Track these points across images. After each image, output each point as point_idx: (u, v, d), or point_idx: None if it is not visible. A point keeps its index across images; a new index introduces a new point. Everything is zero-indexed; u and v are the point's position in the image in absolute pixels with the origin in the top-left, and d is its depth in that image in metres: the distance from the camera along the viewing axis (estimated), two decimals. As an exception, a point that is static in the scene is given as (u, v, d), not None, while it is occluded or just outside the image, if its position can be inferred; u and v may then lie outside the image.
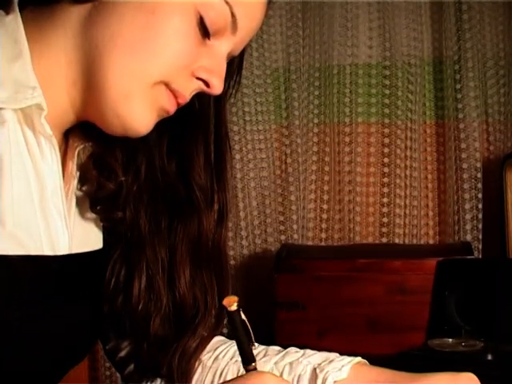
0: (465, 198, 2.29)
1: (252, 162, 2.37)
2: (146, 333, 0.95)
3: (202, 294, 0.95)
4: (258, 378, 0.74)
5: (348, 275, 1.86)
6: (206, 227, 0.95)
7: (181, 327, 0.96)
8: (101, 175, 0.91)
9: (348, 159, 2.39)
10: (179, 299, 0.95)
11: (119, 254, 0.95)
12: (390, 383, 0.89)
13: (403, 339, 1.68)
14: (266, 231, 2.36)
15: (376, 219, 2.38)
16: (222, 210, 0.97)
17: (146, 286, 0.94)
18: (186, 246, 0.95)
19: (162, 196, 0.95)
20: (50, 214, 0.83)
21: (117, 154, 0.93)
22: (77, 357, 0.96)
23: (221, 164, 0.97)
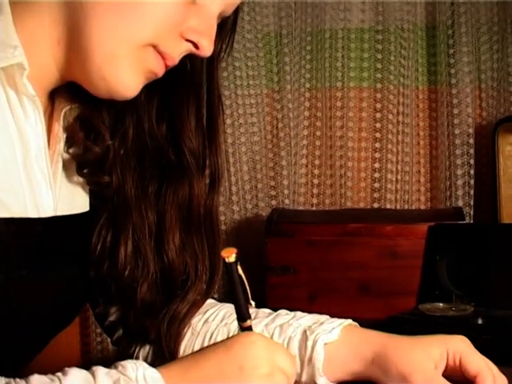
0: (457, 164, 2.28)
1: (243, 126, 2.35)
2: (133, 299, 0.94)
3: (193, 259, 0.95)
4: (246, 339, 0.73)
5: (339, 240, 1.85)
6: (197, 192, 0.94)
7: (170, 293, 0.95)
8: (87, 138, 0.90)
9: (340, 124, 2.37)
10: (168, 265, 0.94)
11: (105, 219, 0.94)
12: (380, 345, 0.89)
13: (394, 304, 1.68)
14: (257, 196, 2.35)
15: (367, 184, 2.37)
16: (214, 175, 0.96)
17: (133, 252, 0.93)
18: (176, 212, 0.94)
19: (151, 161, 0.94)
20: (34, 175, 0.82)
21: (104, 117, 0.91)
22: (64, 320, 0.96)
23: (213, 127, 0.95)
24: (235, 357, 0.71)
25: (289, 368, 0.73)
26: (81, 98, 0.89)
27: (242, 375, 0.70)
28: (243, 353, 0.71)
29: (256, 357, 0.71)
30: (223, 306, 1.03)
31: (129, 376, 0.65)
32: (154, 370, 0.68)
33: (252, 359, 0.71)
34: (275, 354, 0.73)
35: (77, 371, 0.65)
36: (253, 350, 0.71)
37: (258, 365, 0.71)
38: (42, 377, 0.64)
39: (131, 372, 0.66)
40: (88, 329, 2.41)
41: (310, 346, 0.91)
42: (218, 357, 0.71)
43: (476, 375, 0.83)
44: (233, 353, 0.71)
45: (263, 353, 0.72)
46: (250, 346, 0.72)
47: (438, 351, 0.86)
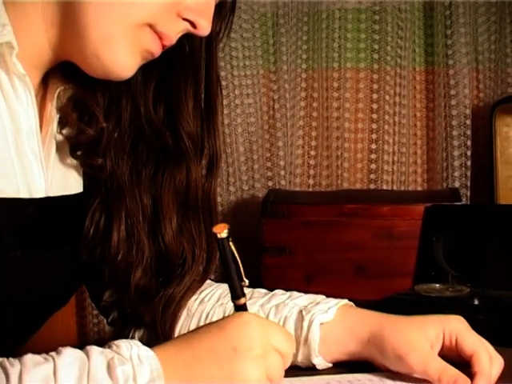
0: (454, 145, 2.28)
1: (239, 107, 2.34)
2: (127, 284, 0.94)
3: (190, 243, 0.94)
4: (240, 319, 0.72)
5: (335, 220, 1.85)
6: (194, 176, 0.93)
7: (166, 278, 0.95)
8: (81, 119, 0.89)
9: (336, 105, 2.36)
10: (165, 249, 0.93)
11: (99, 203, 0.93)
12: (376, 325, 0.89)
13: (390, 285, 1.67)
14: (253, 177, 2.34)
15: (364, 166, 2.37)
16: (212, 158, 0.95)
17: (126, 237, 0.92)
18: (173, 196, 0.93)
19: (147, 144, 0.93)
20: (25, 156, 0.81)
21: (98, 99, 0.91)
22: (59, 301, 0.95)
23: (211, 109, 0.94)
24: (228, 338, 0.70)
25: (285, 347, 0.73)
26: (75, 78, 0.88)
27: (235, 356, 0.69)
28: (236, 333, 0.70)
29: (249, 337, 0.70)
30: (219, 287, 1.02)
31: (123, 355, 0.65)
32: (148, 349, 0.67)
33: (245, 340, 0.70)
34: (270, 333, 0.72)
35: (71, 350, 0.65)
36: (246, 331, 0.71)
37: (251, 346, 0.70)
38: (36, 356, 0.64)
39: (125, 351, 0.65)
40: (84, 310, 2.41)
41: (306, 326, 0.91)
42: (211, 337, 0.71)
43: (472, 355, 0.83)
44: (226, 333, 0.70)
45: (257, 333, 0.71)
46: (243, 327, 0.71)
47: (434, 331, 0.86)
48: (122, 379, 0.63)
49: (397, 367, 0.85)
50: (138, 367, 0.64)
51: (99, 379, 0.62)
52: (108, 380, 0.62)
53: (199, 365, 0.68)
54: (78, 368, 0.62)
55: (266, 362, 0.70)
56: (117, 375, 0.63)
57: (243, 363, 0.69)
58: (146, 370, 0.64)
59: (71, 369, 0.62)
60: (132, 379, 0.63)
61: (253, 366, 0.69)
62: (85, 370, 0.62)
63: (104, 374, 0.63)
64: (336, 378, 0.86)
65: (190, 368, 0.68)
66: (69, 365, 0.62)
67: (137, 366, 0.64)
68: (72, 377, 0.61)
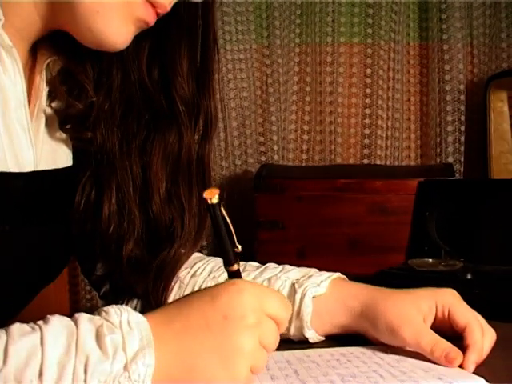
0: (447, 121, 2.27)
1: (232, 82, 2.33)
2: (119, 256, 0.93)
3: (179, 211, 0.93)
4: (233, 287, 0.69)
5: (329, 195, 1.85)
6: (187, 140, 0.91)
7: (157, 248, 0.94)
8: (70, 93, 0.88)
9: (330, 80, 2.35)
10: (153, 218, 0.92)
11: (89, 176, 0.92)
12: (369, 298, 0.89)
13: (383, 259, 1.67)
14: (246, 152, 2.34)
15: (357, 141, 2.37)
16: (207, 122, 0.93)
17: (117, 209, 0.91)
18: (163, 163, 0.92)
19: (137, 113, 0.91)
20: (13, 129, 0.80)
21: (88, 71, 0.89)
22: (49, 275, 0.95)
23: (207, 72, 0.92)
24: (220, 306, 0.67)
25: (280, 313, 0.70)
26: (65, 49, 0.87)
27: (226, 325, 0.66)
28: (228, 302, 0.68)
29: (242, 305, 0.68)
30: (211, 260, 1.02)
31: (112, 321, 0.63)
32: (139, 315, 0.65)
33: (237, 308, 0.67)
34: (264, 300, 0.69)
35: (58, 319, 0.63)
36: (239, 299, 0.68)
37: (243, 314, 0.67)
38: (23, 325, 0.62)
39: (115, 317, 0.64)
40: (77, 286, 2.41)
41: (299, 299, 0.90)
42: (202, 306, 0.68)
43: (464, 327, 0.83)
44: (218, 302, 0.68)
45: (250, 301, 0.68)
46: (236, 295, 0.68)
47: (426, 304, 0.85)
48: (111, 348, 0.61)
49: (389, 340, 0.85)
50: (128, 335, 0.62)
51: (88, 349, 0.60)
52: (97, 349, 0.61)
53: (190, 334, 0.66)
54: (66, 337, 0.61)
55: (259, 330, 0.68)
56: (106, 344, 0.61)
57: (235, 332, 0.66)
58: (135, 338, 0.63)
59: (59, 338, 0.61)
60: (121, 349, 0.61)
61: (245, 335, 0.67)
62: (73, 339, 0.61)
63: (93, 344, 0.61)
64: (329, 351, 0.85)
65: (181, 337, 0.66)
66: (56, 334, 0.61)
67: (126, 334, 0.62)
68: (60, 346, 0.60)
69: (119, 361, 0.61)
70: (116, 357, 0.61)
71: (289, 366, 0.79)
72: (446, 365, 0.78)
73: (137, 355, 0.62)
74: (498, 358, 0.83)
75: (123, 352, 0.61)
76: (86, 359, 0.60)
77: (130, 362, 0.61)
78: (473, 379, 0.74)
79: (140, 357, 0.62)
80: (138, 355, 0.62)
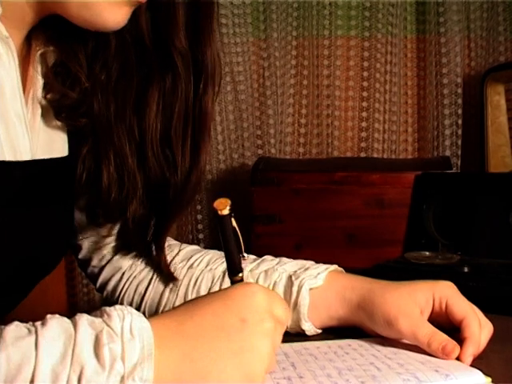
0: (444, 114, 2.27)
1: (229, 75, 2.32)
2: (124, 219, 0.92)
3: (174, 167, 0.91)
4: (247, 290, 0.69)
5: (325, 188, 1.84)
6: (185, 94, 0.90)
7: (158, 203, 0.93)
8: (64, 83, 0.87)
9: (327, 73, 2.35)
10: (152, 176, 0.91)
11: (87, 150, 0.91)
12: (366, 290, 0.88)
13: (380, 253, 1.67)
14: (243, 145, 2.33)
15: (355, 134, 2.36)
16: (208, 74, 0.91)
17: (117, 176, 0.90)
18: (159, 118, 0.90)
19: (132, 73, 0.89)
20: (9, 118, 0.79)
21: (81, 58, 0.88)
22: (46, 267, 0.94)
23: (205, 21, 0.89)
24: (236, 308, 0.66)
25: (285, 317, 0.70)
26: (59, 37, 0.86)
27: (245, 328, 0.65)
28: (244, 304, 0.67)
29: (258, 309, 0.67)
30: (208, 252, 1.02)
31: (113, 328, 0.60)
32: (143, 320, 0.62)
33: (254, 311, 0.66)
34: (274, 304, 0.69)
35: (57, 321, 0.60)
36: (254, 302, 0.67)
37: (261, 318, 0.66)
38: (19, 328, 0.60)
39: (117, 322, 0.61)
40: (74, 280, 2.41)
41: (295, 291, 0.90)
42: (215, 308, 0.66)
43: (462, 320, 0.83)
44: (232, 304, 0.66)
45: (265, 304, 0.67)
46: (250, 298, 0.67)
47: (423, 296, 0.85)
48: (108, 360, 0.58)
49: (386, 332, 0.85)
50: (128, 344, 0.60)
51: (84, 359, 0.58)
52: (93, 360, 0.58)
53: (204, 337, 0.64)
54: (63, 342, 0.58)
55: (274, 334, 0.67)
56: (104, 355, 0.58)
57: (254, 336, 0.65)
58: (136, 348, 0.60)
59: (55, 343, 0.58)
60: (120, 359, 0.59)
61: (264, 338, 0.65)
62: (70, 346, 0.58)
63: (90, 353, 0.58)
64: (326, 343, 0.85)
65: (193, 342, 0.64)
66: (53, 339, 0.58)
67: (127, 343, 0.60)
68: (55, 353, 0.57)
69: (116, 374, 0.58)
70: (113, 369, 0.58)
71: (286, 359, 0.79)
72: (442, 357, 0.78)
73: (134, 369, 0.59)
74: (494, 351, 0.83)
75: (121, 364, 0.59)
76: (80, 370, 0.57)
77: (127, 375, 0.59)
78: (470, 372, 0.74)
79: (138, 371, 0.59)
80: (136, 369, 0.59)
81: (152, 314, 0.98)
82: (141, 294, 1.00)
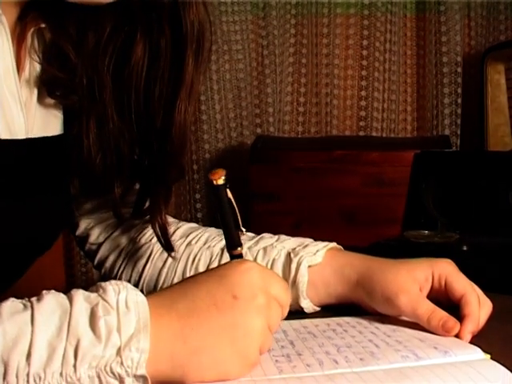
0: (444, 93, 2.26)
1: (227, 53, 2.31)
2: (115, 191, 0.91)
3: (154, 126, 0.90)
4: (241, 266, 0.67)
5: (324, 167, 1.84)
6: (167, 54, 0.88)
7: (145, 171, 0.92)
8: (56, 62, 0.86)
9: (326, 51, 2.34)
10: (134, 138, 0.90)
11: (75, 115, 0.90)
12: (365, 267, 0.88)
13: (379, 232, 1.67)
14: (241, 124, 2.33)
15: (354, 113, 2.36)
16: (189, 29, 0.88)
17: (99, 144, 0.89)
18: (144, 82, 0.89)
19: (119, 37, 0.88)
20: (3, 96, 0.79)
21: (71, 32, 0.87)
22: (43, 244, 0.94)
23: None
24: (228, 285, 0.65)
25: (283, 298, 0.69)
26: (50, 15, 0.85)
27: (236, 305, 0.64)
28: (238, 281, 0.65)
29: (251, 286, 0.65)
30: (206, 230, 1.01)
31: (108, 301, 0.60)
32: (139, 293, 0.62)
33: (247, 288, 0.65)
34: (270, 282, 0.68)
35: (53, 296, 0.60)
36: (248, 279, 0.66)
37: (254, 294, 0.65)
38: (15, 303, 0.60)
39: (112, 296, 0.61)
40: (73, 259, 2.42)
41: (294, 268, 0.90)
42: (209, 285, 0.65)
43: (461, 297, 0.82)
44: (226, 281, 0.65)
45: (259, 281, 0.66)
46: (244, 274, 0.66)
47: (423, 273, 0.85)
48: (104, 332, 0.58)
49: (385, 309, 0.84)
50: (124, 317, 0.59)
51: (80, 331, 0.58)
52: (89, 333, 0.58)
53: (196, 315, 0.63)
54: (59, 316, 0.58)
55: (268, 311, 0.66)
56: (99, 327, 0.58)
57: (246, 313, 0.64)
58: (131, 320, 0.60)
59: (51, 317, 0.58)
60: (116, 331, 0.59)
61: (256, 315, 0.65)
62: (66, 319, 0.58)
63: (86, 326, 0.58)
64: (325, 321, 0.85)
65: (186, 318, 0.63)
66: (48, 313, 0.58)
67: (122, 315, 0.59)
68: (51, 327, 0.58)
69: (112, 345, 0.58)
70: (109, 341, 0.58)
71: (285, 336, 0.78)
72: (442, 334, 0.78)
73: (131, 340, 0.59)
74: (493, 329, 0.83)
75: (118, 335, 0.59)
76: (77, 342, 0.57)
77: (123, 346, 0.59)
78: (469, 348, 0.73)
79: (134, 342, 0.59)
80: (132, 340, 0.59)
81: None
82: (139, 272, 0.99)
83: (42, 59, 0.86)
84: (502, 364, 0.66)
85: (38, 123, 0.85)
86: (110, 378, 0.59)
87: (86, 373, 0.58)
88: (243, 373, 0.64)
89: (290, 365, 0.68)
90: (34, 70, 0.86)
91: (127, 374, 0.59)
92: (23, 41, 0.85)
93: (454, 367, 0.66)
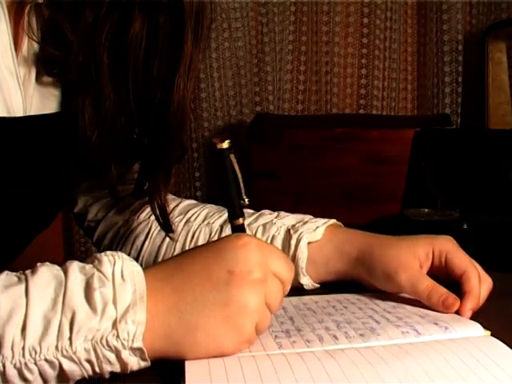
0: (445, 71, 2.25)
1: (227, 31, 2.29)
2: (112, 169, 0.90)
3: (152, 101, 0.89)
4: (237, 241, 0.66)
5: (324, 145, 1.83)
6: (166, 29, 0.87)
7: (143, 150, 0.92)
8: (54, 40, 0.85)
9: (326, 29, 2.33)
10: (131, 114, 0.89)
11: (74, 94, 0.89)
12: (365, 244, 0.88)
13: (379, 210, 1.66)
14: (241, 102, 2.32)
15: (354, 91, 2.35)
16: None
17: (95, 121, 0.87)
18: (142, 57, 0.88)
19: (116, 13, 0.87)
20: (1, 74, 0.78)
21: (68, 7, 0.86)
22: (42, 222, 0.93)
23: None
24: (224, 260, 0.64)
25: (284, 273, 0.67)
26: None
27: (231, 280, 0.63)
28: (234, 256, 0.64)
29: (248, 260, 0.64)
30: (205, 207, 1.01)
31: (104, 272, 0.60)
32: (135, 264, 0.62)
33: (243, 263, 0.64)
34: (269, 257, 0.66)
35: (47, 268, 0.60)
36: (244, 253, 0.65)
37: (249, 269, 0.64)
38: (10, 276, 0.59)
39: (107, 267, 0.60)
40: (72, 238, 2.41)
41: (294, 244, 0.89)
42: (204, 260, 0.65)
43: (461, 274, 0.82)
44: (222, 256, 0.64)
45: (256, 256, 0.65)
46: (241, 249, 0.65)
47: (423, 250, 0.84)
48: (100, 304, 0.58)
49: (385, 286, 0.84)
50: (120, 288, 0.59)
51: (75, 304, 0.57)
52: (85, 305, 0.58)
53: (191, 289, 0.63)
54: (54, 289, 0.58)
55: (265, 287, 0.64)
56: (95, 299, 0.58)
57: (241, 288, 0.63)
58: (127, 292, 0.59)
59: (46, 290, 0.58)
60: (112, 303, 0.58)
61: (251, 291, 0.63)
62: (61, 291, 0.58)
63: (81, 298, 0.58)
64: (325, 297, 0.85)
65: (180, 293, 0.63)
66: (43, 285, 0.58)
67: (118, 286, 0.59)
68: (46, 299, 0.57)
69: (108, 318, 0.58)
70: (105, 313, 0.58)
71: (284, 313, 0.78)
72: (442, 310, 0.78)
73: (127, 312, 0.59)
74: (494, 306, 0.83)
75: (113, 308, 0.58)
76: (72, 315, 0.57)
77: (119, 319, 0.58)
78: (469, 325, 0.73)
79: (130, 314, 0.59)
80: (129, 312, 0.59)
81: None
82: (137, 249, 0.99)
83: (40, 37, 0.85)
84: (502, 341, 0.66)
85: (36, 101, 0.85)
86: (106, 351, 0.58)
87: (82, 346, 0.57)
88: (239, 349, 0.64)
89: (290, 340, 0.68)
90: (32, 48, 0.85)
91: (123, 346, 0.59)
92: (21, 18, 0.84)
93: (454, 343, 0.65)
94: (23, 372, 0.56)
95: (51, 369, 0.57)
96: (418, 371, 0.59)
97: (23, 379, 0.57)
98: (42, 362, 0.57)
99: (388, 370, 0.59)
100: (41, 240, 0.96)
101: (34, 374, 0.57)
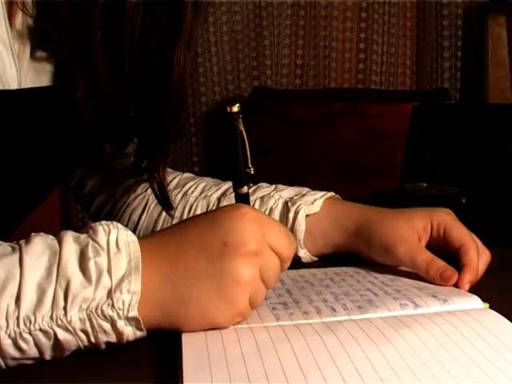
0: (444, 46, 2.24)
1: (224, 5, 2.28)
2: (107, 143, 0.89)
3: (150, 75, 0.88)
4: (235, 211, 0.64)
5: (322, 119, 1.82)
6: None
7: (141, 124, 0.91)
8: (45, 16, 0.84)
9: (324, 3, 2.31)
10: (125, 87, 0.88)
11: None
12: (363, 217, 0.87)
13: (378, 184, 1.66)
14: (238, 77, 2.31)
15: (352, 66, 2.34)
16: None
17: (92, 89, 0.86)
18: (140, 27, 0.87)
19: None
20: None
21: None
22: (38, 195, 0.93)
23: None
24: (219, 231, 0.62)
25: (283, 248, 0.65)
26: None
27: (225, 251, 0.61)
28: (229, 226, 0.63)
29: (243, 232, 0.62)
30: (203, 180, 1.00)
31: (99, 241, 0.59)
32: (130, 233, 0.61)
33: (238, 234, 0.62)
34: (267, 230, 0.64)
35: (41, 238, 0.59)
36: (240, 224, 0.63)
37: (244, 241, 0.62)
38: (4, 245, 0.59)
39: (102, 236, 0.59)
40: (70, 215, 2.41)
41: (292, 217, 0.89)
42: (199, 231, 0.63)
43: (460, 247, 0.81)
44: (217, 226, 0.63)
45: (252, 228, 0.63)
46: (237, 220, 0.63)
47: (421, 223, 0.84)
48: (94, 273, 0.57)
49: (383, 259, 0.83)
50: (114, 257, 0.59)
51: (70, 273, 0.57)
52: (79, 274, 0.57)
53: (184, 260, 0.62)
54: (48, 258, 0.57)
55: (260, 260, 0.63)
56: (89, 269, 0.57)
57: (234, 260, 0.61)
58: (122, 261, 0.59)
59: (40, 259, 0.57)
60: (106, 272, 0.58)
61: (245, 263, 0.62)
62: (55, 261, 0.57)
63: (75, 268, 0.57)
64: (323, 270, 0.84)
65: (174, 263, 0.62)
66: (37, 255, 0.57)
67: (113, 256, 0.59)
68: (40, 269, 0.57)
69: (103, 287, 0.57)
70: (99, 283, 0.57)
71: (282, 285, 0.78)
72: (440, 283, 0.77)
73: (122, 281, 0.58)
74: (492, 279, 0.83)
75: (108, 277, 0.58)
76: (67, 284, 0.57)
77: (114, 288, 0.58)
78: (467, 297, 0.73)
79: (125, 283, 0.58)
80: (124, 281, 0.58)
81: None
82: (135, 222, 0.99)
83: (35, 12, 0.84)
84: (500, 313, 0.66)
85: (30, 75, 0.84)
86: (101, 321, 0.58)
87: (77, 315, 0.57)
88: (232, 322, 0.63)
89: (288, 312, 0.68)
90: (26, 22, 0.84)
91: (119, 316, 0.58)
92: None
93: (453, 316, 0.65)
94: (18, 342, 0.56)
95: (46, 339, 0.57)
96: (417, 343, 0.59)
97: (18, 349, 0.57)
98: (36, 331, 0.56)
99: (386, 342, 0.59)
100: (38, 215, 0.95)
101: (29, 344, 0.57)
